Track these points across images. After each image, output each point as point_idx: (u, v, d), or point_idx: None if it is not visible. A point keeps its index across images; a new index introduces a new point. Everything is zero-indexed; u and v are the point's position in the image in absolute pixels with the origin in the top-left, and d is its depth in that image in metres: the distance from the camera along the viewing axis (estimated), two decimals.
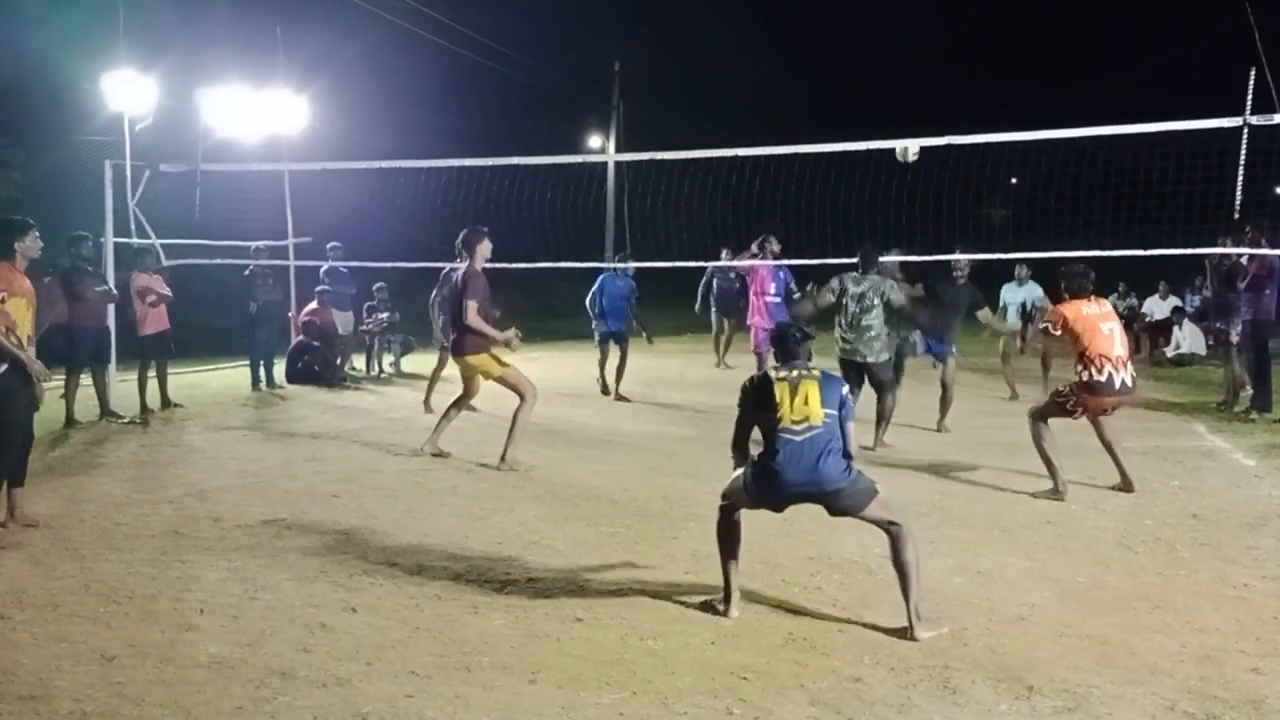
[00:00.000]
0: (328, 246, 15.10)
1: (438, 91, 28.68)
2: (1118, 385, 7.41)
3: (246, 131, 15.46)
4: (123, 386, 11.73)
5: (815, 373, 5.12)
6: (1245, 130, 9.77)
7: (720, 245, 15.05)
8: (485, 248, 8.63)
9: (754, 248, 12.78)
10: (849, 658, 4.55)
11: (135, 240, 12.20)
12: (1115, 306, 19.49)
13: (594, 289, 13.18)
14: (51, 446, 9.52)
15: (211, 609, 5.10)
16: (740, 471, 5.18)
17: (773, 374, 5.13)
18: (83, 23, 17.11)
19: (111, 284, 11.43)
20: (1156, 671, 4.41)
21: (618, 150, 29.27)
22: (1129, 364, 7.53)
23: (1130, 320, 19.28)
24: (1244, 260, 10.91)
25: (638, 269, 13.24)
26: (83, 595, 5.30)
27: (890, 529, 4.96)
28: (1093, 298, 7.69)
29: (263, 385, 13.51)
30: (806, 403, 4.98)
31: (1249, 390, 11.30)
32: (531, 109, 31.42)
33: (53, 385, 12.53)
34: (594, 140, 31.94)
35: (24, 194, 18.75)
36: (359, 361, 15.41)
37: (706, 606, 5.11)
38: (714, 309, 16.42)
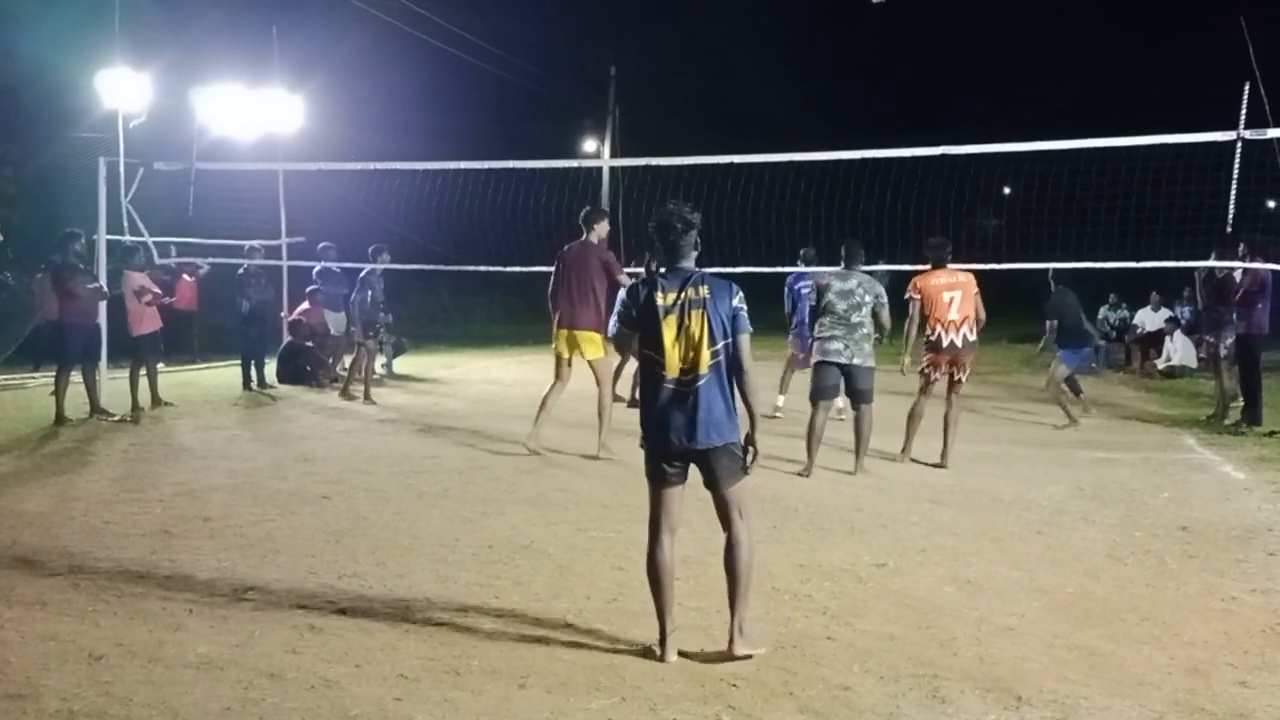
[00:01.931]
0: (320, 247, 15.08)
1: (433, 93, 28.66)
2: (945, 344, 8.90)
3: (241, 131, 15.48)
4: (113, 384, 11.71)
5: (704, 293, 4.48)
6: (1239, 144, 9.82)
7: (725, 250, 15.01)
8: (604, 227, 9.19)
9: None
10: (838, 666, 4.55)
11: (128, 238, 12.18)
12: (1106, 318, 19.67)
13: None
14: (41, 444, 9.49)
15: (200, 609, 5.09)
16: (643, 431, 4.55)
17: (659, 300, 4.50)
18: (78, 20, 17.07)
19: (104, 282, 11.40)
20: (1144, 683, 4.42)
21: (613, 155, 29.28)
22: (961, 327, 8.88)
23: (1121, 332, 19.34)
24: (1236, 274, 10.95)
25: (635, 272, 13.15)
26: (71, 594, 5.28)
27: (734, 526, 4.52)
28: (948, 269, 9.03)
29: (254, 385, 13.49)
30: (694, 346, 4.43)
31: (1239, 403, 11.34)
32: (527, 112, 31.42)
33: (42, 383, 12.55)
34: (589, 144, 31.95)
35: (18, 191, 18.69)
36: (349, 361, 15.36)
37: (645, 652, 4.62)
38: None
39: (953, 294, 8.89)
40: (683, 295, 4.50)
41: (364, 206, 16.67)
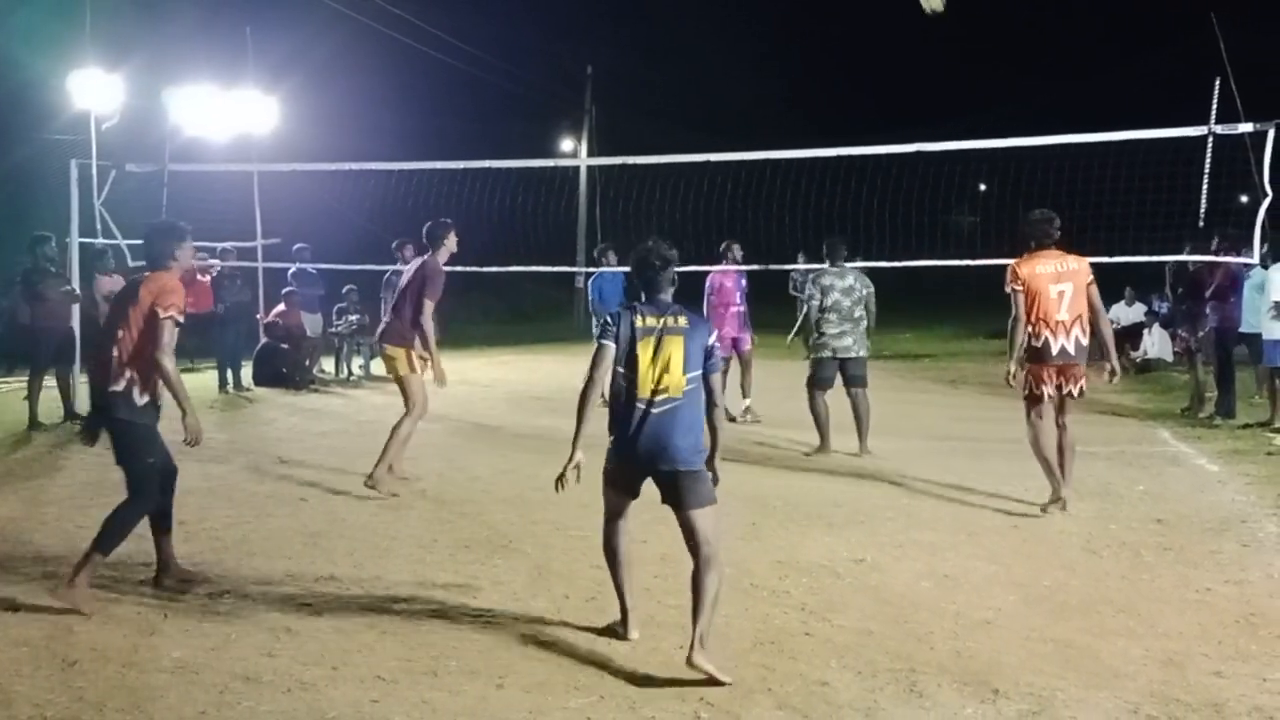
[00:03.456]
0: (295, 248, 15.00)
1: (408, 93, 28.59)
2: (1055, 351, 6.93)
3: (215, 131, 15.38)
4: (87, 388, 11.61)
5: (682, 323, 4.60)
6: (1210, 139, 9.90)
7: (692, 248, 15.02)
8: (452, 241, 8.03)
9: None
10: (816, 662, 4.56)
11: (100, 241, 12.08)
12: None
13: (594, 295, 12.58)
14: (14, 448, 9.41)
15: (175, 613, 5.05)
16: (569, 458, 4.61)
17: (638, 323, 4.58)
18: (48, 20, 16.92)
19: (76, 285, 11.31)
20: (1120, 675, 4.45)
21: (590, 154, 29.25)
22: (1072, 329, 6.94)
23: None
24: (1207, 268, 11.02)
25: (613, 272, 13.12)
26: (44, 599, 5.22)
27: (702, 550, 4.49)
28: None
29: (230, 387, 13.40)
30: (668, 369, 4.51)
31: (1213, 396, 11.42)
32: (503, 112, 31.35)
33: (15, 387, 12.43)
34: (566, 144, 31.90)
35: None
36: (327, 364, 15.31)
37: (608, 630, 4.84)
38: None
39: (1062, 286, 6.91)
40: (661, 322, 4.60)
41: (339, 207, 16.60)
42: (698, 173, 12.77)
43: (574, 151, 30.80)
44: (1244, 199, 11.07)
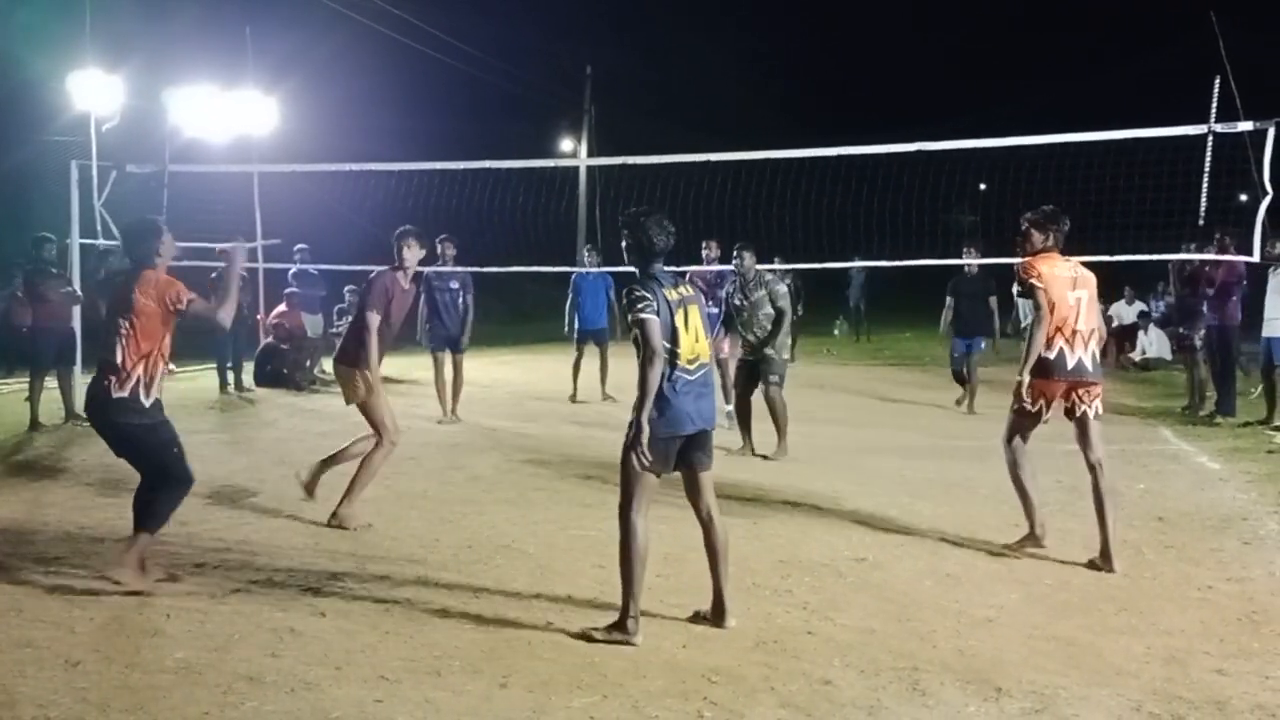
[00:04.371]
0: (295, 249, 14.99)
1: (408, 94, 28.58)
2: (1071, 365, 5.96)
3: (215, 132, 15.36)
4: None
5: (691, 291, 4.85)
6: (1210, 138, 9.90)
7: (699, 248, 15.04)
8: (412, 254, 7.15)
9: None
10: (819, 660, 4.56)
11: (101, 241, 12.07)
12: None
13: (570, 294, 12.92)
14: (16, 449, 9.41)
15: (178, 614, 5.05)
16: (641, 432, 4.56)
17: (669, 296, 4.67)
18: (48, 21, 16.92)
19: (77, 286, 11.31)
20: (1122, 673, 4.45)
21: (589, 154, 29.25)
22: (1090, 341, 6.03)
23: None
24: (1208, 266, 11.02)
25: (612, 272, 13.14)
26: (46, 600, 5.23)
27: (714, 506, 4.86)
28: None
29: (231, 388, 13.40)
30: (697, 338, 4.73)
31: (1213, 394, 11.43)
32: (503, 112, 31.36)
33: (15, 389, 12.43)
34: (566, 144, 31.90)
35: None
36: (328, 365, 15.28)
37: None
38: None
39: (1079, 294, 6.00)
40: (679, 293, 4.75)
41: (339, 208, 16.59)
42: (697, 172, 12.75)
43: (573, 151, 30.80)
44: (1244, 198, 11.07)
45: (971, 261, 11.93)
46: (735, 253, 9.41)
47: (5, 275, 12.66)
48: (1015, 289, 6.17)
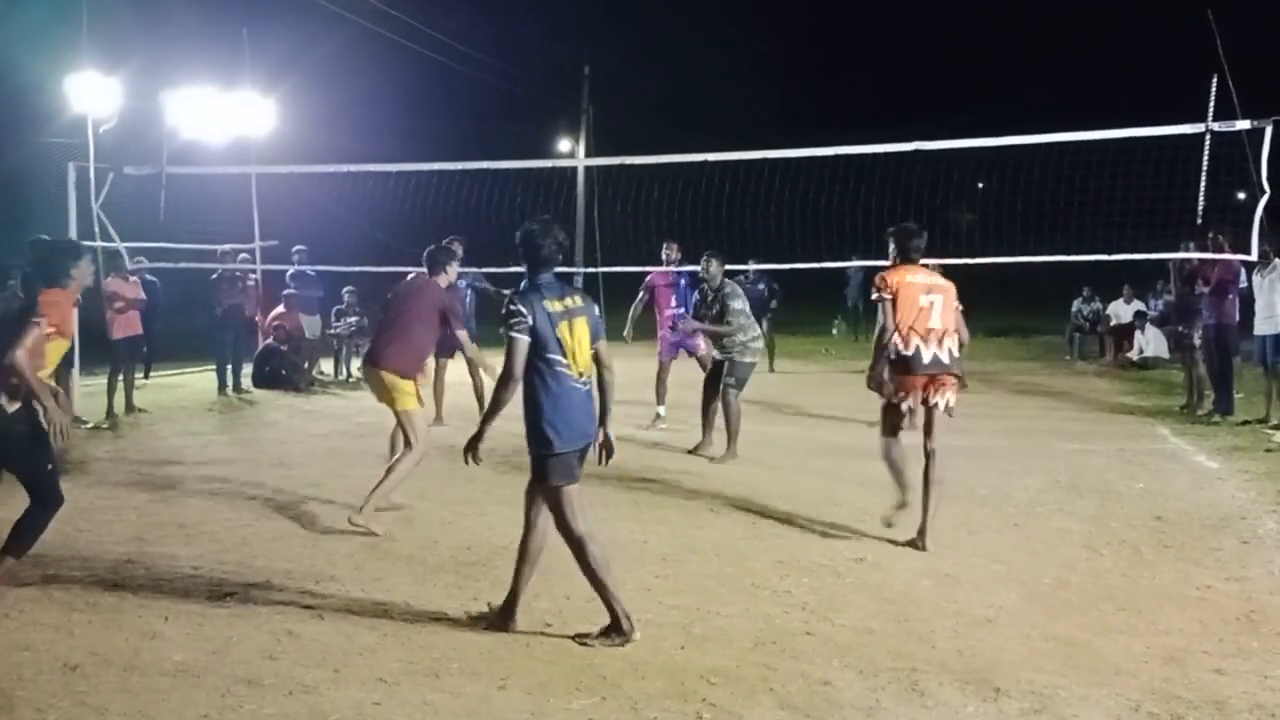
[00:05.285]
0: (293, 250, 14.99)
1: (406, 94, 28.60)
2: (927, 360, 6.38)
3: (212, 134, 15.35)
4: (86, 391, 11.61)
5: (580, 302, 4.84)
6: (1208, 136, 9.91)
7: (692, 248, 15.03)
8: (454, 270, 7.49)
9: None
10: (817, 661, 4.56)
11: (100, 243, 12.07)
12: (1079, 310, 19.79)
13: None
14: None
15: (177, 616, 5.05)
16: (547, 439, 4.74)
17: (550, 308, 4.70)
18: (45, 23, 16.91)
19: None
20: (1121, 672, 4.45)
21: (587, 154, 29.23)
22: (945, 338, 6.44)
23: (1094, 324, 19.49)
24: (1205, 265, 11.02)
25: (610, 272, 13.09)
26: (45, 603, 5.23)
27: (586, 530, 4.84)
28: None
29: (229, 390, 13.40)
30: (581, 348, 4.77)
31: (1211, 393, 11.43)
32: (501, 113, 31.36)
33: None
34: (564, 144, 31.89)
35: None
36: (326, 366, 15.30)
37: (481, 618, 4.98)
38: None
39: (932, 298, 6.51)
40: (565, 304, 4.78)
41: (337, 209, 16.59)
42: (695, 172, 12.76)
43: (571, 152, 30.78)
44: (1242, 196, 11.08)
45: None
46: (703, 259, 9.37)
47: (2, 278, 12.65)
48: (874, 295, 6.67)
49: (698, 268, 9.62)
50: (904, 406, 6.51)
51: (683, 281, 11.11)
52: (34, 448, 5.28)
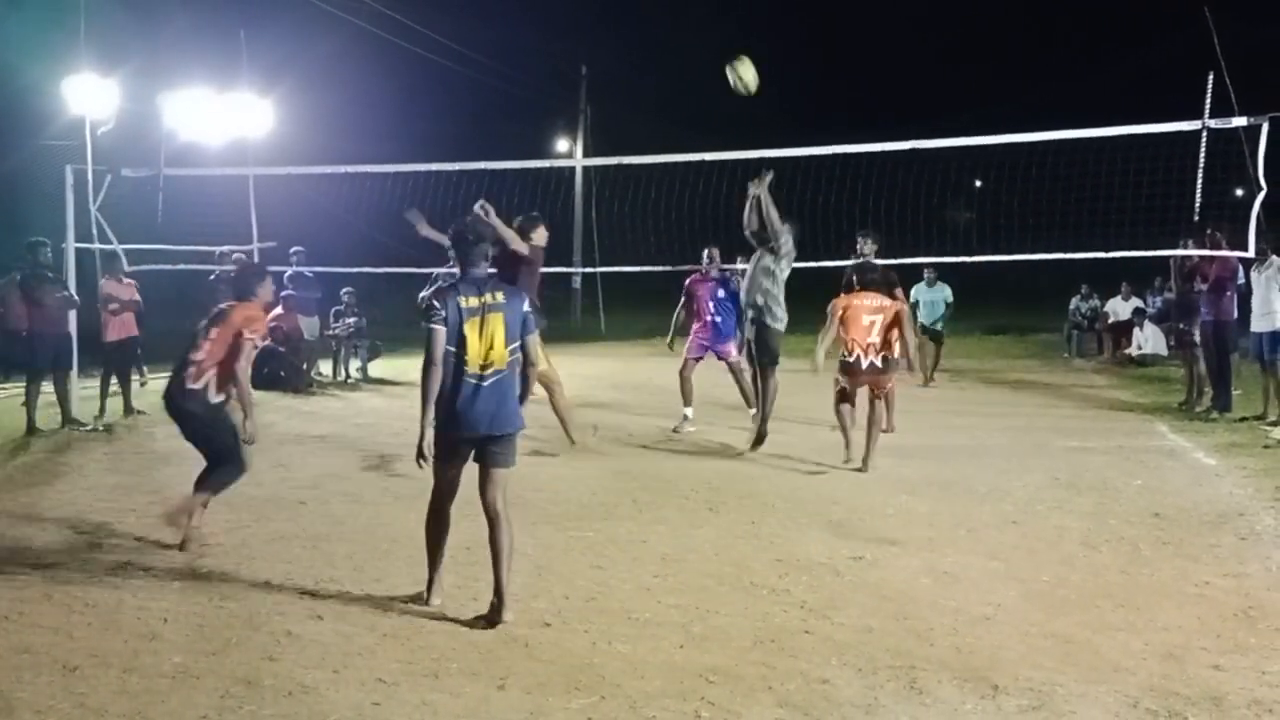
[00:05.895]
0: (291, 251, 14.98)
1: (404, 95, 28.62)
2: (864, 366, 8.54)
3: (210, 135, 15.36)
4: (85, 394, 11.61)
5: (500, 299, 5.00)
6: (1204, 134, 9.91)
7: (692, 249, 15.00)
8: (541, 233, 9.07)
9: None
10: (816, 659, 4.56)
11: (98, 245, 12.07)
12: (1078, 308, 19.84)
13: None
14: (13, 455, 9.40)
15: (175, 618, 5.05)
16: (437, 416, 4.96)
17: (463, 304, 4.94)
18: (43, 25, 16.91)
19: (73, 290, 11.30)
20: (1120, 669, 4.46)
21: (585, 154, 29.24)
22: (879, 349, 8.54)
23: (1092, 321, 19.51)
24: (1202, 261, 11.03)
25: (608, 272, 13.09)
26: (44, 605, 5.23)
27: (498, 505, 5.11)
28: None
29: None
30: (493, 345, 4.94)
31: (1210, 390, 11.44)
32: (499, 113, 31.36)
33: (12, 393, 12.42)
34: (561, 144, 31.89)
35: None
36: (325, 367, 15.30)
37: (416, 599, 5.25)
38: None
39: (874, 318, 8.56)
40: (482, 300, 4.98)
41: (335, 210, 16.60)
42: (693, 172, 12.77)
43: (569, 152, 30.78)
44: (1239, 193, 11.09)
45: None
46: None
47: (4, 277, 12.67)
48: (829, 306, 8.73)
49: (736, 266, 10.02)
50: (852, 394, 8.82)
51: (721, 292, 10.83)
52: (230, 435, 6.39)
